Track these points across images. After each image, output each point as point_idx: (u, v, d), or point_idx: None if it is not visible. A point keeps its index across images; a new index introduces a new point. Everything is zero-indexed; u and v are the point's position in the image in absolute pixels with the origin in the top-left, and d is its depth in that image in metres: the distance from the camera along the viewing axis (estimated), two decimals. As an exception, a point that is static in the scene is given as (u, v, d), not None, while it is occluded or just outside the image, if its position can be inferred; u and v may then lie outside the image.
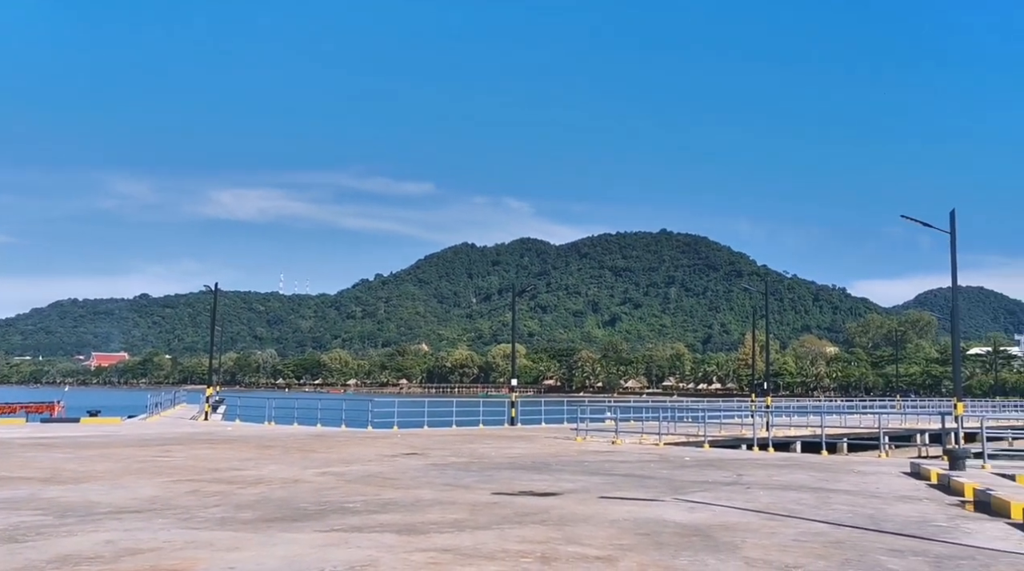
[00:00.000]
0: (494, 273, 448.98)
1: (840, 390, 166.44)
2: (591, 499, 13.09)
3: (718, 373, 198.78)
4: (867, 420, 37.78)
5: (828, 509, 12.48)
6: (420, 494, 13.41)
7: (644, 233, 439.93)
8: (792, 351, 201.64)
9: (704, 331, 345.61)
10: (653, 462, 20.19)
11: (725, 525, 10.77)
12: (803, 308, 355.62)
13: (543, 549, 8.90)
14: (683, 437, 28.42)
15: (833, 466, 20.34)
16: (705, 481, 16.12)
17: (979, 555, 9.06)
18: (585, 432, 28.84)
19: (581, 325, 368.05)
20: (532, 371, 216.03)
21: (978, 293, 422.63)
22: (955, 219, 25.86)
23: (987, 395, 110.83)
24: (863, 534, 10.29)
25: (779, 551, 9.06)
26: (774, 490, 14.84)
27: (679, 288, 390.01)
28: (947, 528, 10.95)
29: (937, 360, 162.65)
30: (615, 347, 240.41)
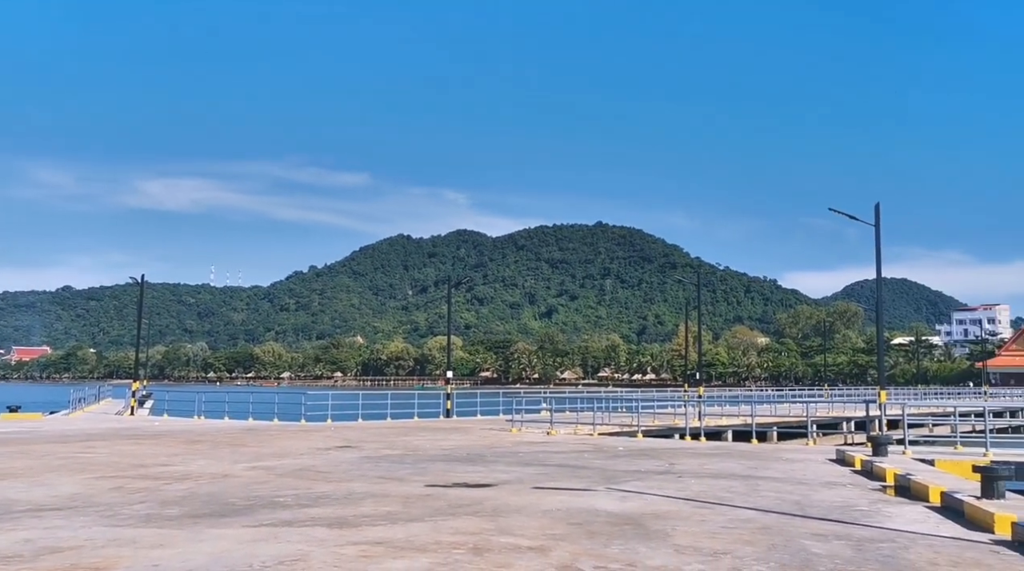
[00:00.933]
0: (430, 265, 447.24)
1: (771, 379, 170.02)
2: (525, 490, 13.12)
3: (652, 364, 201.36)
4: (796, 409, 38.64)
5: (757, 496, 12.72)
6: (353, 487, 13.28)
7: (580, 225, 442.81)
8: (724, 342, 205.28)
9: (639, 322, 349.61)
10: (587, 452, 20.34)
11: (656, 513, 10.89)
12: (735, 299, 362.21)
13: (476, 540, 8.88)
14: (617, 427, 28.69)
15: (762, 454, 20.75)
16: (638, 470, 16.29)
17: (898, 538, 9.34)
18: (520, 423, 28.92)
19: (518, 317, 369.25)
20: (468, 363, 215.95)
21: (902, 285, 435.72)
22: (879, 213, 26.59)
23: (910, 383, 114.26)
24: (789, 520, 10.51)
25: (708, 538, 9.20)
26: (705, 478, 15.07)
27: (615, 280, 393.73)
28: (869, 512, 11.26)
29: (863, 350, 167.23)
30: (551, 339, 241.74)
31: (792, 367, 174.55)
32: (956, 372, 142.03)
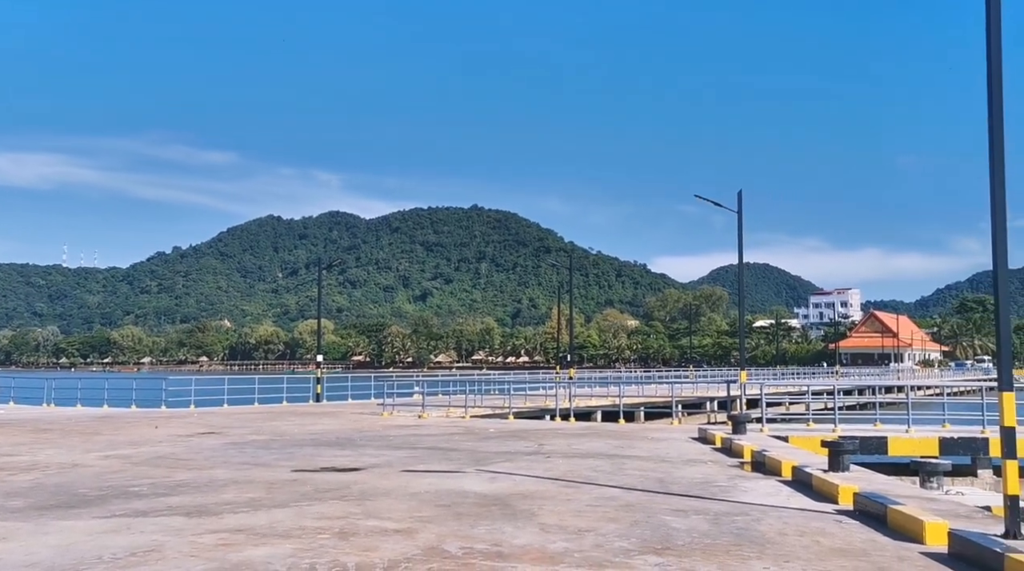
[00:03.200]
0: (301, 247, 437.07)
1: (640, 361, 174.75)
2: (393, 473, 13.01)
3: (526, 346, 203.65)
4: (662, 389, 39.78)
5: (622, 475, 13.04)
6: (215, 474, 12.84)
7: (456, 208, 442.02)
8: (596, 324, 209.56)
9: (513, 305, 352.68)
10: (458, 435, 20.37)
11: (524, 493, 11.01)
12: (607, 283, 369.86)
13: (342, 524, 8.76)
14: (489, 410, 28.86)
15: (629, 434, 21.30)
16: (508, 452, 16.42)
17: (752, 511, 9.76)
18: (392, 407, 28.69)
19: (391, 300, 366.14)
20: (340, 347, 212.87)
21: (764, 269, 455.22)
22: (742, 200, 27.66)
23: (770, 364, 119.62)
24: (652, 497, 10.82)
25: (574, 516, 9.35)
26: (573, 458, 15.34)
27: (489, 263, 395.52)
28: (727, 487, 11.72)
29: (727, 332, 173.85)
30: (425, 322, 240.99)
31: (660, 349, 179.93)
32: (812, 353, 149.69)
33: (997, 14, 8.24)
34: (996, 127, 8.25)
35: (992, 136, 8.26)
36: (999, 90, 8.24)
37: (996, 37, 8.25)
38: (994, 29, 8.24)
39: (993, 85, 8.25)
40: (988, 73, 8.28)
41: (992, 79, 8.25)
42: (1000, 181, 8.25)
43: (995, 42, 8.25)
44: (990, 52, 8.27)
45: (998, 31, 8.25)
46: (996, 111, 8.25)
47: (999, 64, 8.25)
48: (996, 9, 8.22)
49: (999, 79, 8.25)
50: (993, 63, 8.25)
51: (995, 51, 8.25)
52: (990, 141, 8.27)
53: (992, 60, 8.26)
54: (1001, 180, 8.25)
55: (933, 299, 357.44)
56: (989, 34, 8.27)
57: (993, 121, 8.26)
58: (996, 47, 8.25)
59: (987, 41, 8.29)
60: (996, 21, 8.24)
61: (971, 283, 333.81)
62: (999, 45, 8.26)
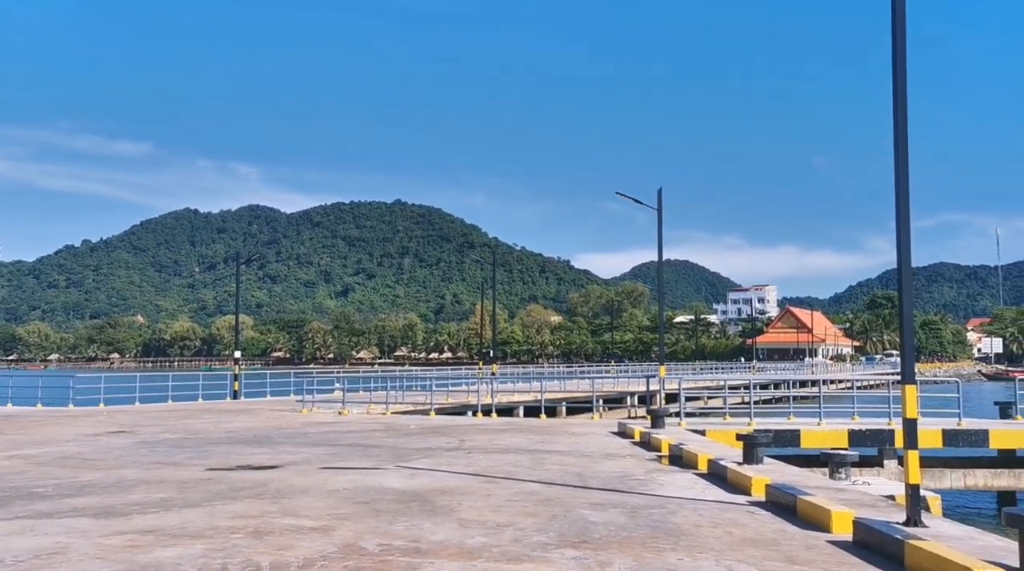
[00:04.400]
0: (219, 241, 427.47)
1: (563, 357, 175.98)
2: (312, 470, 12.83)
3: (449, 342, 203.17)
4: (584, 385, 40.16)
5: (542, 469, 13.11)
6: (124, 474, 12.46)
7: (378, 203, 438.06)
8: (519, 320, 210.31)
9: (437, 301, 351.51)
10: (379, 431, 20.21)
11: (444, 489, 10.98)
12: (531, 279, 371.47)
13: (256, 523, 8.59)
14: (411, 406, 28.71)
15: (550, 429, 21.42)
16: (428, 448, 16.36)
17: (668, 504, 9.92)
18: (312, 404, 28.30)
19: (312, 295, 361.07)
20: (260, 343, 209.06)
21: (684, 266, 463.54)
22: (661, 198, 28.08)
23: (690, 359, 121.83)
24: (571, 491, 10.91)
25: (492, 511, 9.37)
26: (493, 454, 15.37)
27: (413, 259, 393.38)
28: (644, 481, 11.89)
29: (648, 328, 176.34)
30: (347, 318, 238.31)
31: (583, 344, 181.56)
32: (730, 348, 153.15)
33: (902, 18, 8.52)
34: (900, 129, 8.54)
35: (897, 138, 8.55)
36: (903, 93, 8.54)
37: (901, 41, 8.54)
38: (899, 33, 8.52)
39: (898, 88, 8.54)
40: (893, 76, 8.56)
41: (897, 82, 8.54)
42: (904, 182, 8.54)
43: (900, 45, 8.53)
44: (895, 55, 8.56)
45: (903, 35, 8.54)
46: (900, 114, 8.54)
47: (903, 68, 8.54)
48: (901, 13, 8.50)
49: (903, 82, 8.54)
50: (898, 66, 8.54)
51: (900, 54, 8.53)
52: (895, 143, 8.56)
53: (897, 63, 8.54)
54: (905, 181, 8.54)
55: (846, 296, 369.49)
56: (895, 38, 8.56)
57: (898, 124, 8.55)
58: (901, 50, 8.54)
59: (893, 44, 8.57)
60: (901, 26, 8.53)
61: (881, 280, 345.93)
62: (903, 48, 8.55)
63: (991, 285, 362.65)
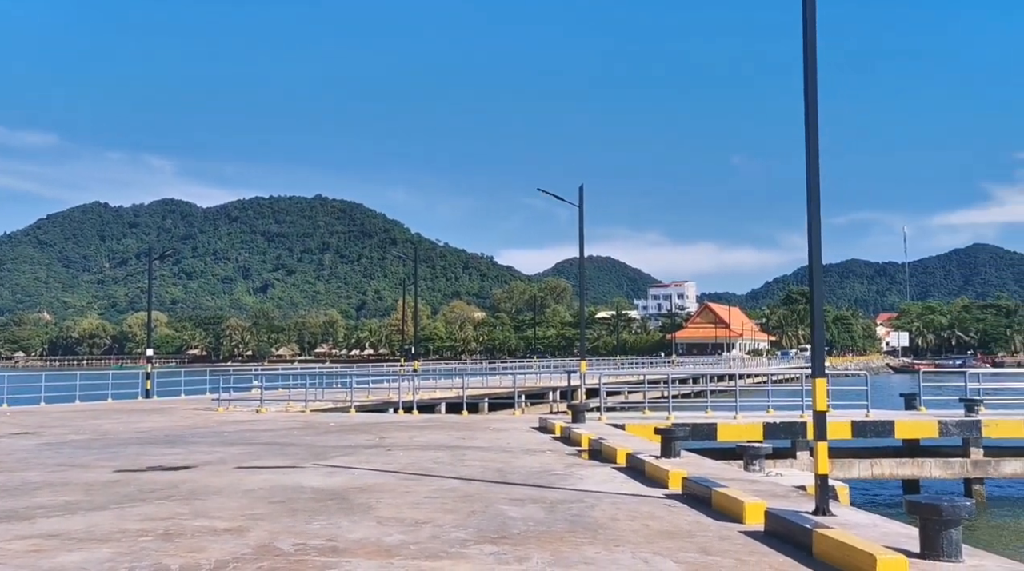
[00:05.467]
0: (131, 236, 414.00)
1: (486, 353, 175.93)
2: (226, 470, 12.54)
3: (371, 339, 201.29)
4: (506, 381, 40.15)
5: (462, 466, 13.08)
6: (27, 477, 11.98)
7: (299, 198, 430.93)
8: (442, 317, 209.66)
9: (358, 298, 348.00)
10: (297, 429, 19.89)
11: (363, 487, 10.86)
12: (454, 275, 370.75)
13: (167, 526, 8.35)
14: (331, 403, 28.33)
15: (472, 425, 21.41)
16: (348, 445, 16.17)
17: (587, 498, 10.00)
18: (228, 402, 27.68)
19: (230, 292, 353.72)
20: (175, 340, 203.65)
21: (606, 262, 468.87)
22: (583, 194, 28.27)
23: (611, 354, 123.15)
24: (491, 487, 10.90)
25: (412, 508, 9.30)
26: (414, 451, 15.27)
27: (334, 255, 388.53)
28: (563, 476, 11.97)
29: (571, 323, 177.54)
30: (266, 314, 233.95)
31: (506, 340, 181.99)
32: (651, 343, 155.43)
33: (812, 18, 8.74)
34: (811, 130, 8.76)
35: (808, 139, 8.77)
36: (814, 94, 8.76)
37: (812, 41, 8.75)
38: (810, 34, 8.74)
39: (809, 89, 8.76)
40: (805, 77, 8.78)
41: (808, 82, 8.76)
42: (815, 182, 8.76)
43: (811, 45, 8.75)
44: (806, 55, 8.77)
45: (813, 36, 8.76)
46: (811, 116, 8.76)
47: (814, 68, 8.76)
48: (811, 13, 8.71)
49: (814, 83, 8.76)
50: (809, 67, 8.75)
51: (811, 54, 8.75)
52: (807, 144, 8.78)
53: (808, 63, 8.76)
54: (816, 181, 8.77)
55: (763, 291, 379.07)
56: (806, 38, 8.77)
57: (809, 126, 8.77)
58: (812, 50, 8.75)
59: (804, 45, 8.79)
60: (812, 26, 8.74)
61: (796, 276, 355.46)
62: (814, 48, 8.77)
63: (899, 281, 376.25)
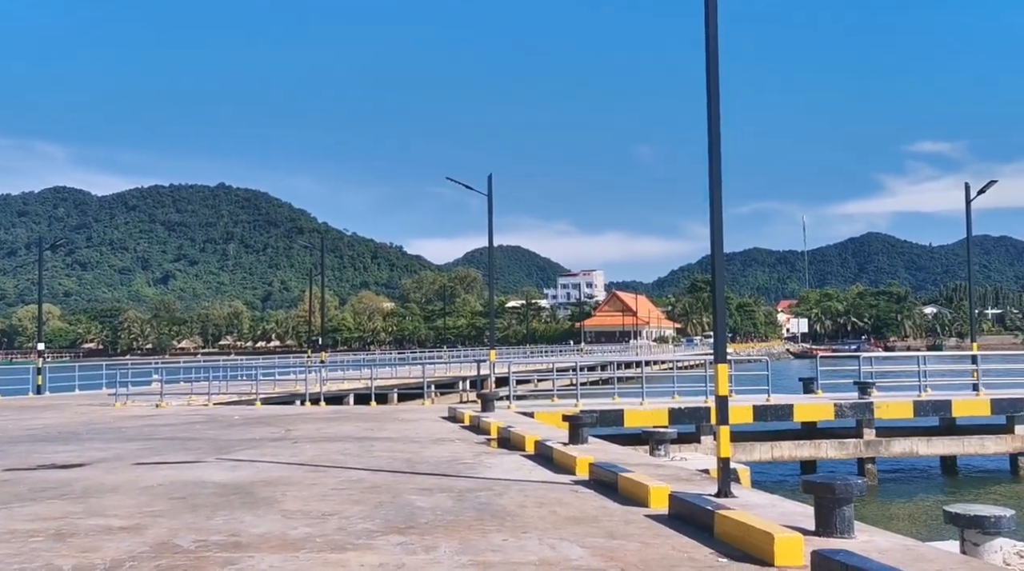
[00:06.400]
0: (20, 225, 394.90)
1: (396, 343, 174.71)
2: (124, 467, 12.12)
3: (277, 331, 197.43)
4: (416, 371, 40.02)
5: (370, 457, 12.95)
6: (-94, 479, 11.32)
7: (201, 186, 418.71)
8: (351, 307, 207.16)
9: (264, 288, 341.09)
10: (200, 423, 19.37)
11: (268, 480, 10.65)
12: (362, 265, 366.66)
13: (59, 525, 8.02)
14: (235, 396, 27.70)
15: (381, 416, 21.22)
16: (253, 439, 15.83)
17: (495, 486, 10.03)
18: (126, 397, 26.76)
19: (129, 283, 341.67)
20: (68, 334, 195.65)
21: (516, 252, 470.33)
22: (491, 184, 28.29)
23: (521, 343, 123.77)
24: (399, 477, 10.83)
25: (318, 501, 9.16)
26: (321, 443, 15.05)
27: (238, 244, 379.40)
28: (472, 464, 11.97)
29: (481, 313, 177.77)
30: (167, 306, 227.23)
31: (416, 331, 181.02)
32: (560, 332, 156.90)
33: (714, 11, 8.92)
34: (714, 122, 8.95)
35: (711, 130, 8.95)
36: (716, 86, 8.94)
37: (713, 33, 8.93)
38: (711, 26, 8.91)
39: (711, 81, 8.93)
40: (707, 70, 8.95)
41: (710, 74, 8.93)
42: (717, 172, 8.96)
43: (712, 37, 8.93)
44: (708, 47, 8.95)
45: (715, 31, 8.93)
46: (714, 107, 8.94)
47: (715, 60, 8.95)
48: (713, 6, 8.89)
49: (716, 75, 8.94)
50: (711, 58, 8.93)
51: (712, 45, 8.93)
52: (709, 135, 8.96)
53: (710, 55, 8.93)
54: (718, 171, 8.96)
55: (669, 280, 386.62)
56: (707, 30, 8.94)
57: (711, 117, 8.95)
58: (713, 41, 8.93)
59: (705, 35, 8.96)
60: (713, 22, 8.92)
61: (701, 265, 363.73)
62: (715, 39, 8.95)
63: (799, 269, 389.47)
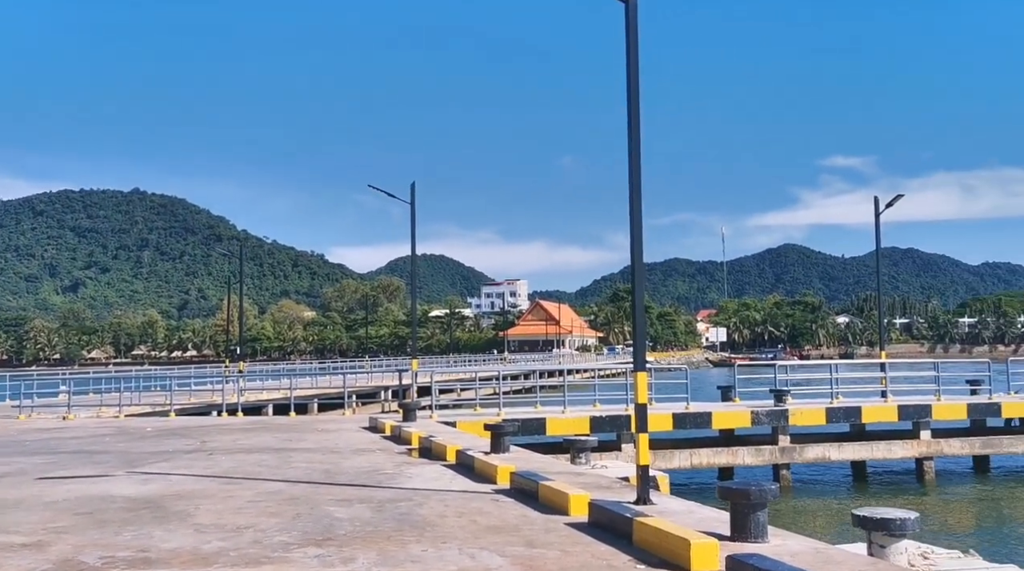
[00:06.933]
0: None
1: (317, 353, 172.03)
2: (27, 482, 11.63)
3: (194, 340, 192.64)
4: (337, 380, 39.50)
5: (288, 468, 12.71)
6: None
7: (114, 191, 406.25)
8: (271, 316, 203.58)
9: (181, 297, 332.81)
10: (110, 436, 18.73)
11: (180, 494, 10.34)
12: (283, 273, 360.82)
13: (-46, 545, 7.62)
14: (148, 407, 26.90)
15: (299, 426, 20.87)
16: (166, 451, 15.37)
17: (416, 496, 9.94)
18: (31, 409, 25.72)
19: (36, 291, 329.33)
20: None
21: (440, 260, 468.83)
22: (415, 191, 28.14)
23: (445, 352, 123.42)
24: (318, 488, 10.64)
25: (233, 514, 8.93)
26: (238, 454, 14.71)
27: (153, 251, 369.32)
28: (393, 475, 11.85)
29: (404, 322, 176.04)
30: (77, 315, 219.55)
31: (337, 340, 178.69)
32: (484, 341, 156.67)
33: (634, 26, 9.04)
34: (634, 134, 9.06)
35: (631, 142, 9.06)
36: (636, 98, 9.06)
37: (634, 47, 9.05)
38: (632, 40, 9.04)
39: (631, 93, 9.05)
40: (628, 84, 9.06)
41: (631, 88, 9.05)
42: (637, 182, 9.07)
43: (633, 50, 9.05)
44: (629, 61, 9.06)
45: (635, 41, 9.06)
46: (634, 118, 9.06)
47: (636, 74, 9.07)
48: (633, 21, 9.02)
49: (636, 88, 9.06)
50: (631, 72, 9.05)
51: (633, 58, 9.05)
52: (629, 147, 9.07)
53: (631, 69, 9.05)
54: (638, 181, 9.07)
55: (591, 289, 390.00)
56: (628, 44, 9.06)
57: (632, 129, 9.06)
58: (634, 54, 9.05)
59: (627, 50, 9.07)
60: (634, 32, 9.04)
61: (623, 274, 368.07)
62: (636, 53, 9.07)
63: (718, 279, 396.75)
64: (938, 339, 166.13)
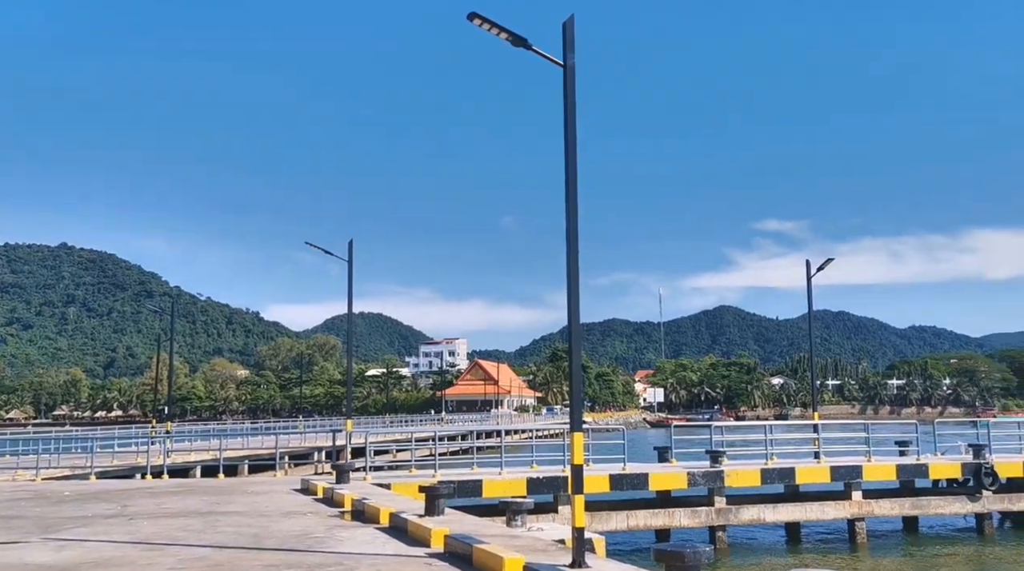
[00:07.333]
0: None
1: (249, 412, 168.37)
2: (-68, 550, 10.98)
3: (120, 399, 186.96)
4: (268, 441, 38.58)
5: (214, 532, 12.26)
6: None
7: (40, 246, 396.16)
8: (202, 374, 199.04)
9: (108, 355, 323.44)
10: (25, 500, 17.88)
11: (98, 561, 9.88)
12: (216, 331, 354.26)
13: None
14: (68, 470, 25.85)
15: (228, 489, 20.25)
16: (84, 516, 14.72)
17: (347, 560, 9.65)
18: (-57, 471, 24.53)
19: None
20: None
21: (378, 319, 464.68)
22: (352, 249, 28.03)
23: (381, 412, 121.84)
24: (244, 553, 10.27)
25: (153, 583, 8.55)
26: (161, 519, 14.15)
27: (80, 308, 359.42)
28: (324, 539, 11.51)
29: (340, 381, 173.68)
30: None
31: (271, 399, 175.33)
32: (421, 401, 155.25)
33: (572, 89, 9.21)
34: (571, 196, 9.17)
35: (568, 205, 9.15)
36: (574, 162, 9.19)
37: (571, 109, 9.21)
38: (570, 102, 9.20)
39: (569, 160, 9.18)
40: (566, 146, 9.20)
41: (568, 151, 9.18)
42: (574, 243, 9.14)
43: (571, 113, 9.20)
44: (567, 123, 9.21)
45: (573, 104, 9.22)
46: (571, 182, 9.17)
47: (574, 137, 9.21)
48: (571, 84, 9.19)
49: (574, 152, 9.20)
50: (569, 135, 9.19)
51: (571, 122, 9.20)
52: (567, 210, 9.16)
53: (568, 134, 9.20)
54: (575, 242, 9.15)
55: (530, 349, 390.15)
56: (566, 107, 9.22)
57: (569, 190, 9.17)
58: (571, 118, 9.21)
59: (564, 112, 9.22)
60: (571, 95, 9.21)
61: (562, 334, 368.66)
62: (574, 116, 9.23)
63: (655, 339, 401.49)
64: (868, 400, 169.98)
